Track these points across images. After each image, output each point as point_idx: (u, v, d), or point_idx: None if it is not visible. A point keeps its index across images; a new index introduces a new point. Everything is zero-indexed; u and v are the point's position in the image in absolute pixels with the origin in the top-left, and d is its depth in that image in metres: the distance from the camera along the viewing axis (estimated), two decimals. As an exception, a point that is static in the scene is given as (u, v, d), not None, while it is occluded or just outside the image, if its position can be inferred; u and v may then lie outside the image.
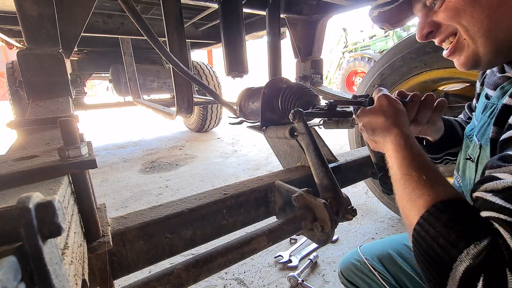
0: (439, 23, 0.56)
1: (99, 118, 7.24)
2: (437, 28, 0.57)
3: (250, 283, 1.43)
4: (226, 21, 1.65)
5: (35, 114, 0.89)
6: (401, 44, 1.62)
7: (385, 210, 2.03)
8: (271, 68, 2.08)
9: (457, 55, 0.57)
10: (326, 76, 9.95)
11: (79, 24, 1.20)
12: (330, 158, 0.95)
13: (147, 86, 4.15)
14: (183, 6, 1.62)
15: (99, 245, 0.46)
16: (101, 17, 2.80)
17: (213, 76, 4.66)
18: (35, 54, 1.07)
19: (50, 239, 0.22)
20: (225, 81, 4.07)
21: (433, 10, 0.56)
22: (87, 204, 0.46)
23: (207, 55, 10.65)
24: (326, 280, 1.44)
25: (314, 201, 0.58)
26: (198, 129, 5.04)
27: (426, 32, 0.58)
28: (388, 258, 0.86)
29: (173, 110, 2.36)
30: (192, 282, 0.44)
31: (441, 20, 0.55)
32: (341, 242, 1.76)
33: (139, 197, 2.51)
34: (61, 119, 0.41)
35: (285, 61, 2.26)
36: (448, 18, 0.53)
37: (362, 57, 8.78)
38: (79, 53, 4.04)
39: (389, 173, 0.55)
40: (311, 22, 2.37)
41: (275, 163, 3.25)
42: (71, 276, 0.31)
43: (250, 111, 1.11)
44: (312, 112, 0.76)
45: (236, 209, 0.68)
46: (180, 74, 1.35)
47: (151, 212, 0.59)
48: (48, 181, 0.39)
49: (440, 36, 0.58)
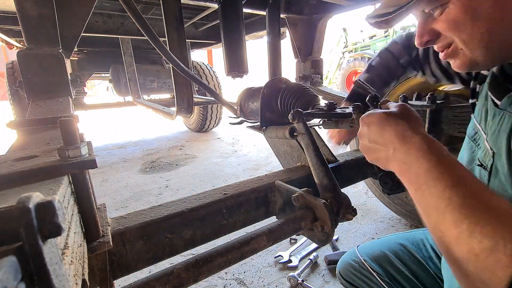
0: (439, 32, 0.55)
1: (99, 118, 7.24)
2: (436, 36, 0.56)
3: (250, 283, 1.43)
4: (226, 21, 1.65)
5: (35, 114, 0.89)
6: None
7: (385, 210, 2.03)
8: (271, 68, 2.08)
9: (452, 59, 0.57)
10: (326, 76, 9.94)
11: (79, 24, 1.20)
12: (330, 158, 0.94)
13: (147, 86, 4.15)
14: (183, 6, 1.62)
15: (99, 245, 0.46)
16: (101, 17, 2.80)
17: (213, 76, 4.66)
18: (35, 54, 1.07)
19: (50, 239, 0.22)
20: (225, 81, 4.07)
21: (433, 17, 0.54)
22: (87, 204, 0.46)
23: (207, 55, 10.65)
24: (326, 280, 1.44)
25: (314, 201, 0.58)
26: (198, 129, 5.04)
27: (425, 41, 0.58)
28: (384, 258, 0.86)
29: (173, 110, 2.37)
30: (192, 282, 0.44)
31: (440, 30, 0.54)
32: (341, 242, 1.76)
33: (139, 197, 2.51)
34: (61, 119, 0.41)
35: (285, 61, 2.26)
36: (447, 29, 0.52)
37: (362, 57, 8.77)
38: (79, 53, 4.04)
39: (389, 173, 0.55)
40: (311, 22, 2.37)
41: (275, 163, 3.25)
42: (71, 276, 0.31)
43: (250, 111, 1.11)
44: (311, 113, 0.76)
45: (236, 209, 0.68)
46: (180, 74, 1.35)
47: (151, 212, 0.59)
48: (48, 181, 0.39)
49: (439, 44, 0.57)
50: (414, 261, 0.84)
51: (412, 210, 1.75)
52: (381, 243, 0.92)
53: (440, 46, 0.57)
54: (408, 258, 0.84)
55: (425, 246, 0.86)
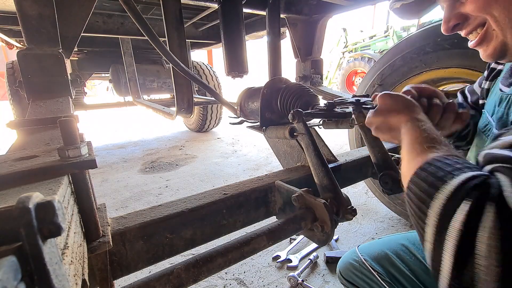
0: (467, 15, 0.55)
1: (99, 118, 7.24)
2: (464, 19, 0.56)
3: (250, 283, 1.43)
4: (226, 21, 1.65)
5: (35, 114, 0.89)
6: (401, 44, 1.62)
7: (385, 210, 2.03)
8: (271, 68, 2.08)
9: (485, 45, 0.56)
10: (326, 76, 9.94)
11: (79, 24, 1.20)
12: (330, 158, 0.94)
13: (147, 86, 4.15)
14: (183, 6, 1.62)
15: (99, 245, 0.46)
16: (101, 17, 2.80)
17: (213, 76, 4.66)
18: (35, 54, 1.07)
19: (50, 239, 0.22)
20: (225, 81, 4.07)
21: (460, 1, 0.54)
22: (87, 204, 0.46)
23: (207, 55, 10.66)
24: (326, 280, 1.44)
25: (314, 201, 0.58)
26: (198, 129, 5.04)
27: (453, 25, 0.57)
28: (385, 258, 0.86)
29: (173, 110, 2.36)
30: (192, 282, 0.44)
31: (469, 11, 0.53)
32: (341, 242, 1.76)
33: (139, 197, 2.51)
34: (61, 119, 0.41)
35: (285, 61, 2.26)
36: (477, 9, 0.52)
37: (362, 57, 8.77)
38: (79, 53, 4.03)
39: (389, 173, 0.55)
40: (311, 22, 2.37)
41: (275, 163, 3.25)
42: (71, 276, 0.31)
43: (250, 111, 1.11)
44: (311, 113, 0.76)
45: (236, 209, 0.68)
46: (180, 74, 1.35)
47: (151, 212, 0.59)
48: (48, 181, 0.39)
49: (468, 28, 0.56)
50: (415, 261, 0.83)
51: (412, 210, 1.75)
52: (382, 243, 0.92)
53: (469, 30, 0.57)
54: (409, 258, 0.84)
55: None
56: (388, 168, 0.72)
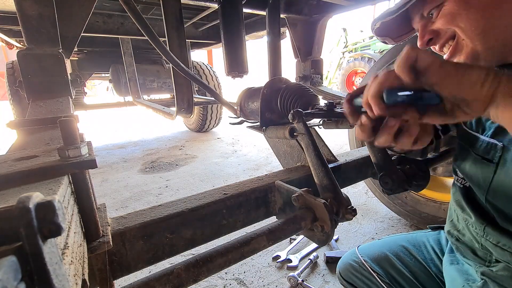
0: (438, 30, 0.60)
1: (99, 118, 7.24)
2: (436, 35, 0.61)
3: (250, 283, 1.43)
4: (226, 21, 1.65)
5: (35, 114, 0.89)
6: (401, 44, 1.62)
7: (385, 210, 2.03)
8: (271, 68, 2.08)
9: (457, 55, 0.60)
10: (326, 76, 9.94)
11: (79, 24, 1.20)
12: (330, 158, 0.94)
13: (147, 86, 4.15)
14: (183, 6, 1.62)
15: (99, 245, 0.46)
16: (101, 17, 2.80)
17: (213, 76, 4.66)
18: (35, 54, 1.07)
19: (50, 239, 0.22)
20: (225, 81, 4.07)
21: (431, 21, 0.60)
22: (87, 204, 0.46)
23: (207, 55, 10.65)
24: (326, 280, 1.44)
25: (314, 201, 0.58)
26: (198, 129, 5.04)
27: (427, 39, 0.62)
28: (385, 259, 0.86)
29: (173, 110, 2.36)
30: (192, 282, 0.44)
31: (439, 26, 0.59)
32: (341, 242, 1.76)
33: (139, 197, 2.51)
34: (61, 119, 0.41)
35: (285, 61, 2.26)
36: (446, 23, 0.57)
37: (362, 57, 8.77)
38: (79, 53, 4.04)
39: (389, 173, 0.55)
40: (311, 22, 2.37)
41: (275, 163, 3.25)
42: (71, 276, 0.31)
43: (250, 111, 1.11)
44: (311, 113, 0.76)
45: (236, 209, 0.68)
46: (180, 74, 1.35)
47: (151, 212, 0.59)
48: (48, 181, 0.39)
49: (441, 41, 0.61)
50: (415, 262, 0.83)
51: (412, 210, 1.75)
52: (382, 244, 0.92)
53: (442, 43, 0.61)
54: (409, 260, 0.84)
55: (426, 248, 0.86)
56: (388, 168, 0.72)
